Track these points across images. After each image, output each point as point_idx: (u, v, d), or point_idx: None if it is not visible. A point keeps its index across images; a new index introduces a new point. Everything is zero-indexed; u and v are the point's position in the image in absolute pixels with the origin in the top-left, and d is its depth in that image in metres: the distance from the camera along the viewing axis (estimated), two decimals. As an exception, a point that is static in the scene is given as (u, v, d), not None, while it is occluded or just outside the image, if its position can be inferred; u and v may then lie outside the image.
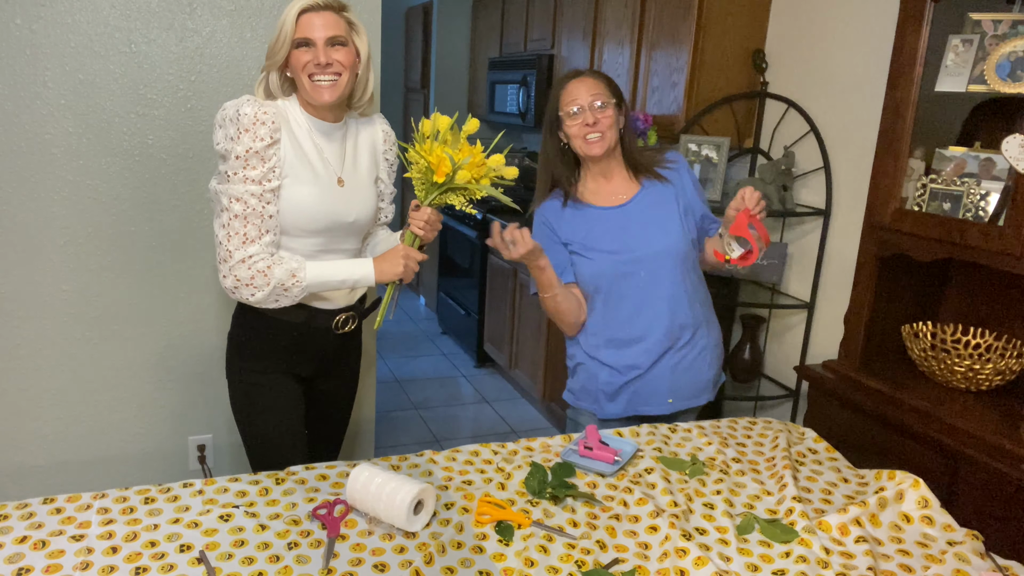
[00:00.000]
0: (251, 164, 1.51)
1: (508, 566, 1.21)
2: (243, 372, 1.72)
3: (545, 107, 1.86)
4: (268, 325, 1.68)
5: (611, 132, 1.77)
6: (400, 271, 1.62)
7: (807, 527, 1.34)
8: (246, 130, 1.49)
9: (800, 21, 2.68)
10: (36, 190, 2.12)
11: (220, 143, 1.53)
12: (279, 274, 1.55)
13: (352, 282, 1.63)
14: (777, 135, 2.81)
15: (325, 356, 1.77)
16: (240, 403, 1.74)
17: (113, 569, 1.15)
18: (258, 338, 1.70)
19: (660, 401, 1.87)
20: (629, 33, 3.17)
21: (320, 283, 1.60)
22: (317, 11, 1.53)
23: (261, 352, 1.70)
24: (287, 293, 1.58)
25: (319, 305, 1.69)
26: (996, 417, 1.83)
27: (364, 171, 1.72)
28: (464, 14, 5.20)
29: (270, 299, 1.58)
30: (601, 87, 1.77)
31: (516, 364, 3.84)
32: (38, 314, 2.20)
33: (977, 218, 1.86)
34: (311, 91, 1.56)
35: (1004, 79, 1.78)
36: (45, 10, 2.03)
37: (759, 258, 1.66)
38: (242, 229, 1.52)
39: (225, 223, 1.53)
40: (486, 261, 4.16)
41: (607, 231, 1.82)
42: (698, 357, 1.88)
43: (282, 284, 1.56)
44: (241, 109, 1.50)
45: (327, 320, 1.71)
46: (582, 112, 1.75)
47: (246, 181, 1.51)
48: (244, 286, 1.55)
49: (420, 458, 1.55)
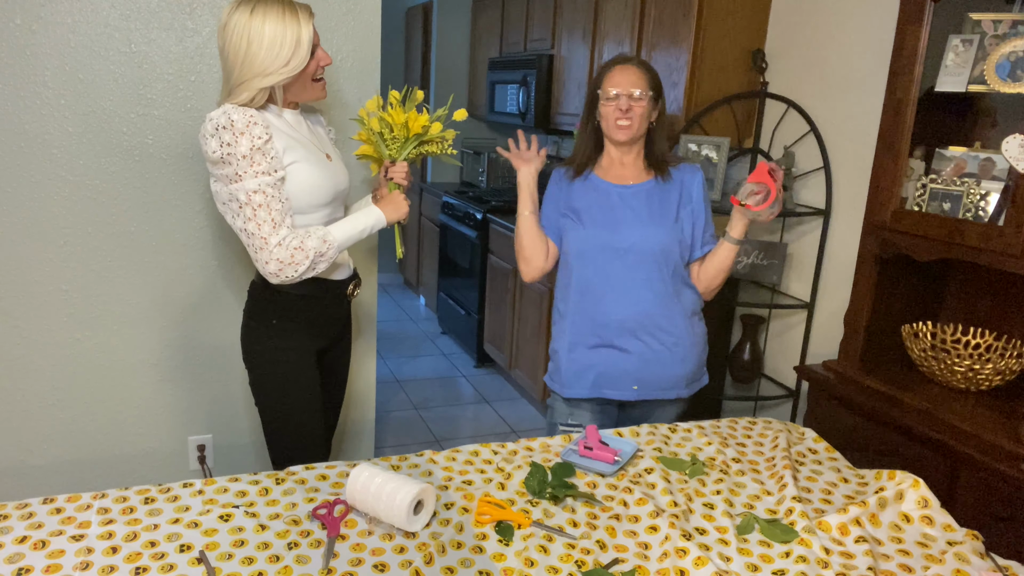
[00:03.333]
0: (256, 160, 1.60)
1: (508, 566, 1.21)
2: (270, 353, 1.81)
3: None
4: (289, 303, 1.78)
5: (640, 122, 1.85)
6: (405, 210, 1.86)
7: (807, 527, 1.34)
8: (242, 133, 1.58)
9: (800, 21, 2.68)
10: (36, 190, 2.12)
11: (217, 151, 1.59)
12: (313, 244, 1.67)
13: (370, 228, 1.80)
14: (777, 135, 2.81)
15: (338, 325, 1.93)
16: (269, 384, 1.83)
17: (113, 569, 1.16)
18: (283, 317, 1.80)
19: (626, 387, 1.92)
20: (629, 33, 3.17)
21: (347, 238, 1.75)
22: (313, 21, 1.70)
23: (287, 331, 1.80)
24: (323, 257, 1.70)
25: (332, 276, 1.83)
26: (996, 417, 1.83)
27: (332, 150, 1.88)
28: (464, 14, 5.20)
29: (311, 269, 1.69)
30: (644, 79, 1.85)
31: (516, 364, 3.84)
32: (38, 314, 2.20)
33: (977, 218, 1.86)
34: (318, 91, 1.74)
35: (1004, 79, 1.78)
36: (45, 10, 2.03)
37: (771, 207, 1.74)
38: (268, 217, 1.62)
39: (250, 216, 1.62)
40: (486, 261, 4.16)
41: (603, 207, 1.90)
42: (668, 351, 1.90)
43: (318, 251, 1.68)
44: (231, 116, 1.59)
45: (341, 289, 1.86)
46: (619, 97, 1.82)
47: (258, 175, 1.60)
48: (287, 265, 1.65)
49: (420, 458, 1.55)
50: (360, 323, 2.56)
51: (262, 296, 1.80)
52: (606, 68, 1.89)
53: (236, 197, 1.61)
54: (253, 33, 1.57)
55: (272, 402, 1.84)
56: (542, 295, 3.45)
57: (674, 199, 1.89)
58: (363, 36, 2.33)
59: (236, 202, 1.62)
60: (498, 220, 3.96)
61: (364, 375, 2.62)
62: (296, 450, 1.84)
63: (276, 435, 1.87)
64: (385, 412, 3.62)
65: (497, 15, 4.67)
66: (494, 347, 4.12)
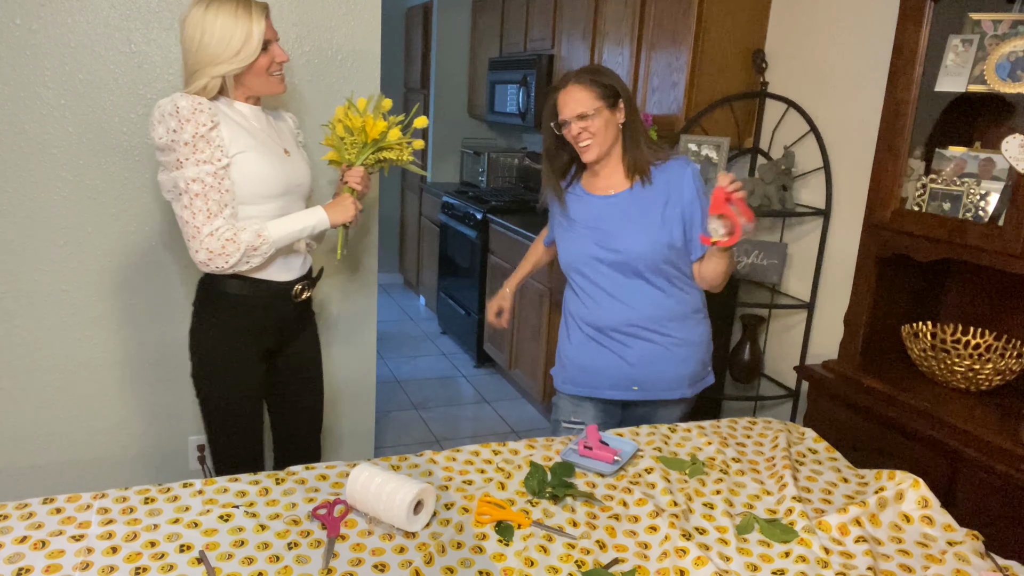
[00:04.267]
0: (199, 148, 1.63)
1: (508, 566, 1.21)
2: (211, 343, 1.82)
3: (544, 107, 1.88)
4: (232, 300, 1.79)
5: (604, 135, 1.81)
6: (351, 214, 1.84)
7: (807, 527, 1.34)
8: (187, 120, 1.61)
9: (800, 21, 2.68)
10: (36, 190, 2.12)
11: (163, 136, 1.63)
12: (246, 238, 1.69)
13: (310, 228, 1.79)
14: (777, 135, 2.81)
15: (287, 324, 1.91)
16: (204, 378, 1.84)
17: (113, 569, 1.16)
18: (224, 313, 1.80)
19: (626, 388, 1.92)
20: (629, 33, 3.17)
21: (284, 235, 1.75)
22: (268, 16, 1.73)
23: (227, 326, 1.81)
24: (256, 252, 1.71)
25: (278, 278, 1.83)
26: (996, 417, 1.83)
27: (294, 147, 1.90)
28: (464, 14, 5.20)
29: (242, 262, 1.70)
30: (587, 96, 1.78)
31: (516, 364, 3.84)
32: (38, 314, 2.20)
33: (977, 218, 1.86)
34: (275, 85, 1.77)
35: (1004, 79, 1.78)
36: (45, 10, 2.03)
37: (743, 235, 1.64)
38: (204, 206, 1.65)
39: (187, 204, 1.65)
40: (486, 261, 4.16)
41: (588, 218, 1.90)
42: (667, 352, 1.90)
43: (251, 245, 1.69)
44: (177, 103, 1.62)
45: (287, 291, 1.85)
46: (568, 124, 1.81)
47: (199, 163, 1.63)
48: (217, 256, 1.67)
49: (420, 458, 1.56)
50: (360, 323, 2.56)
51: (205, 291, 1.82)
52: (551, 96, 1.85)
53: (176, 184, 1.65)
54: (207, 25, 1.65)
55: (207, 397, 1.85)
56: (542, 295, 3.45)
57: (658, 201, 1.83)
58: (363, 36, 2.33)
59: (176, 189, 1.66)
60: (498, 220, 3.96)
61: (364, 375, 2.62)
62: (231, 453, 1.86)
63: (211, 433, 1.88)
64: (385, 412, 3.62)
65: (497, 15, 4.67)
66: (494, 347, 4.12)
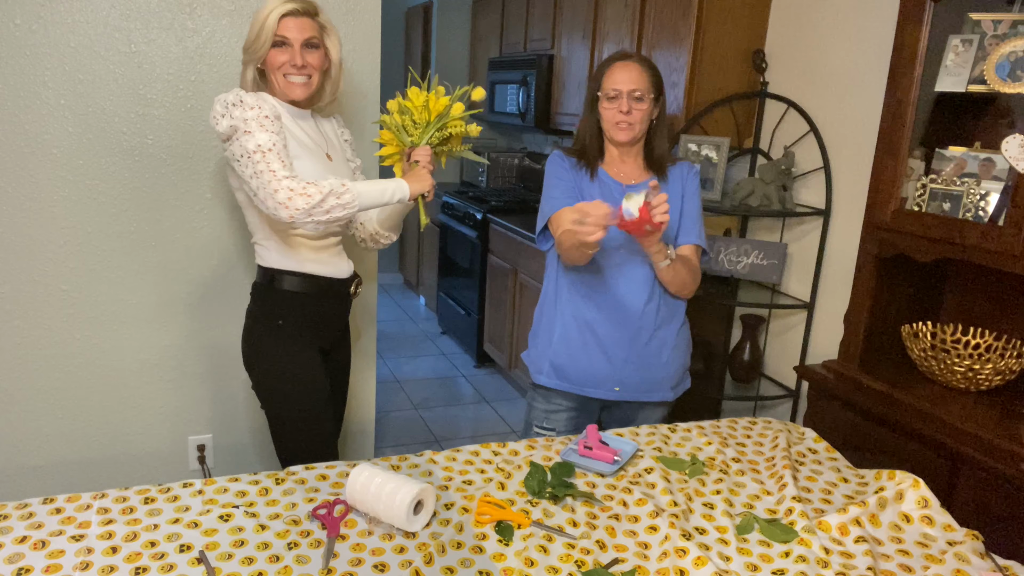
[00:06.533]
0: (266, 125, 1.62)
1: (508, 566, 1.21)
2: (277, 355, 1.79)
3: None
4: (294, 301, 1.78)
5: (641, 124, 1.82)
6: (429, 183, 1.76)
7: (807, 527, 1.34)
8: (253, 107, 1.62)
9: (800, 21, 2.68)
10: (36, 190, 2.12)
11: (230, 123, 1.61)
12: (330, 183, 1.61)
13: (390, 193, 1.70)
14: (777, 135, 2.81)
15: (341, 324, 1.93)
16: (277, 387, 1.81)
17: (113, 569, 1.16)
18: (288, 317, 1.79)
19: (607, 387, 1.90)
20: (629, 33, 3.17)
21: (367, 191, 1.66)
22: (296, 16, 1.67)
23: (293, 332, 1.79)
24: (340, 200, 1.61)
25: (333, 275, 1.83)
26: (996, 417, 1.83)
27: (338, 151, 1.88)
28: (464, 14, 5.20)
29: (324, 205, 1.58)
30: (644, 79, 1.79)
31: (516, 364, 3.84)
32: (38, 314, 2.20)
33: (977, 218, 1.86)
34: (284, 88, 1.72)
35: (1004, 79, 1.78)
36: (45, 10, 2.03)
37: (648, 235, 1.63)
38: (277, 160, 1.59)
39: (259, 160, 1.59)
40: (486, 261, 4.16)
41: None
42: (653, 353, 1.89)
43: (334, 191, 1.60)
44: (241, 96, 1.63)
45: (343, 288, 1.86)
46: (619, 98, 1.78)
47: (268, 131, 1.61)
48: (298, 195, 1.56)
49: (420, 458, 1.55)
50: (360, 323, 2.56)
51: (266, 296, 1.80)
52: (606, 65, 1.82)
53: (246, 148, 1.60)
54: (254, 16, 1.68)
55: (280, 405, 1.82)
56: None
57: (674, 196, 1.85)
58: (363, 36, 2.33)
59: (246, 155, 1.60)
60: (498, 220, 3.96)
61: (364, 375, 2.62)
62: (306, 453, 1.79)
63: (285, 438, 1.84)
64: (385, 412, 3.62)
65: (497, 15, 4.67)
66: (494, 347, 4.12)
